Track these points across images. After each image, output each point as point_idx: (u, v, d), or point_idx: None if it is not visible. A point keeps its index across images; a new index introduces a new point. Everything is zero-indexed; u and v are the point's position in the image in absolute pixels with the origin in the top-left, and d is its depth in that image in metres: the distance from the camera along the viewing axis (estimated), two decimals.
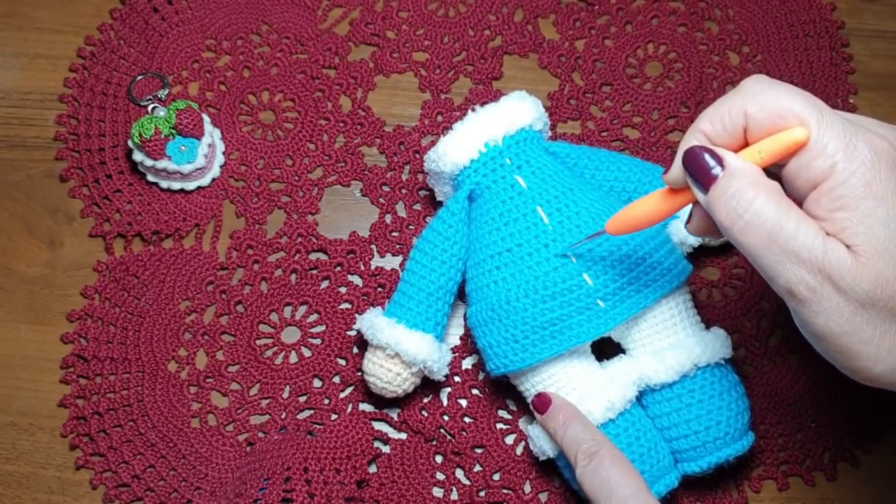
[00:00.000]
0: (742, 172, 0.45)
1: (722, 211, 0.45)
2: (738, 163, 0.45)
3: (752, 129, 0.46)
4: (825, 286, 0.43)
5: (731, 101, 0.46)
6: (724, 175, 0.45)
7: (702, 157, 0.46)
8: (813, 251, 0.43)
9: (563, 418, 0.57)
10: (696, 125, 0.47)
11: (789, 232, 0.43)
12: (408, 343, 0.61)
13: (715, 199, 0.45)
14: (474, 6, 0.79)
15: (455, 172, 0.63)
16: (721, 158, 0.45)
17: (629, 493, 0.52)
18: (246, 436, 0.65)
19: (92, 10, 0.80)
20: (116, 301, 0.69)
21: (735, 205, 0.44)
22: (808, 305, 0.43)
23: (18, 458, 0.65)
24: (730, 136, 0.46)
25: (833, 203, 0.43)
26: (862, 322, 0.43)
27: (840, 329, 0.43)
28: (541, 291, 0.59)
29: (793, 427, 0.65)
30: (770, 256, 0.43)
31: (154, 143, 0.69)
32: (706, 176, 0.45)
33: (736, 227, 0.44)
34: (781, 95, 0.45)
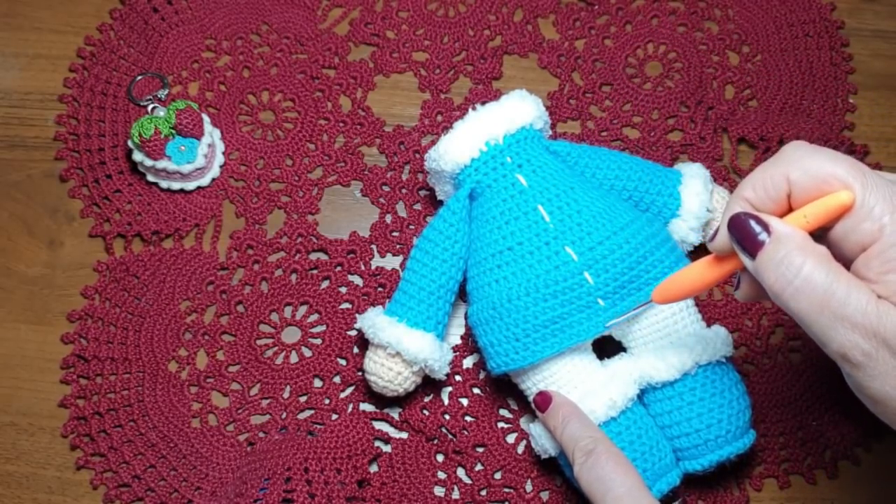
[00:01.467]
0: (789, 238, 0.44)
1: (771, 277, 0.44)
2: (784, 228, 0.45)
3: (795, 194, 0.46)
4: (881, 350, 0.42)
5: (772, 168, 0.46)
6: (772, 241, 0.45)
7: (747, 223, 0.46)
8: (867, 315, 0.42)
9: (562, 416, 0.57)
10: (739, 192, 0.47)
11: (841, 297, 0.43)
12: (409, 342, 0.61)
13: (763, 265, 0.45)
14: (474, 6, 0.79)
15: (456, 171, 0.63)
16: (767, 224, 0.45)
17: (625, 490, 0.52)
18: (246, 436, 0.65)
19: (92, 10, 0.80)
20: (116, 301, 0.69)
21: (784, 270, 0.44)
22: (863, 370, 0.43)
23: (18, 458, 0.65)
24: (773, 202, 0.46)
25: (884, 266, 0.43)
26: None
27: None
28: (542, 290, 0.59)
29: (794, 425, 0.65)
30: (822, 322, 0.43)
31: (154, 143, 0.69)
32: (753, 242, 0.45)
33: (786, 293, 0.44)
34: (824, 161, 0.45)
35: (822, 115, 0.75)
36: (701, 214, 0.64)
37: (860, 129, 0.75)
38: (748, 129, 0.74)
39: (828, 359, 0.66)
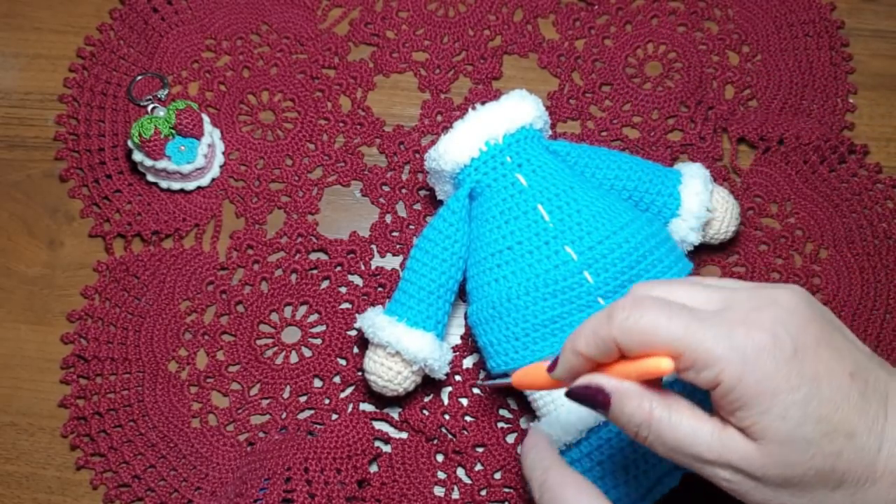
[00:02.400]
0: (627, 397, 0.46)
1: (630, 430, 0.46)
2: (620, 389, 0.46)
3: (627, 352, 0.46)
4: (738, 475, 0.45)
5: (602, 328, 0.46)
6: (615, 403, 0.46)
7: (586, 394, 0.47)
8: (712, 450, 0.45)
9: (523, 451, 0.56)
10: (574, 346, 0.47)
11: (686, 439, 0.45)
12: (408, 341, 0.61)
13: (615, 419, 0.47)
14: (474, 6, 0.79)
15: (456, 171, 0.63)
16: (602, 389, 0.47)
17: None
18: (246, 436, 0.65)
19: (91, 10, 0.80)
20: (116, 301, 0.69)
21: (634, 424, 0.46)
22: (735, 493, 0.46)
23: (18, 458, 0.65)
24: (609, 357, 0.47)
25: (731, 405, 0.44)
26: (787, 496, 0.45)
27: (776, 500, 0.45)
28: (541, 289, 0.59)
29: None
30: (683, 461, 0.46)
31: (154, 143, 0.69)
32: (598, 405, 0.47)
33: (647, 441, 0.46)
34: (646, 320, 0.45)
35: (822, 114, 0.75)
36: (701, 214, 0.64)
37: (860, 128, 0.75)
38: (748, 128, 0.74)
39: None
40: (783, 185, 0.72)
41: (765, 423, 0.43)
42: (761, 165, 0.73)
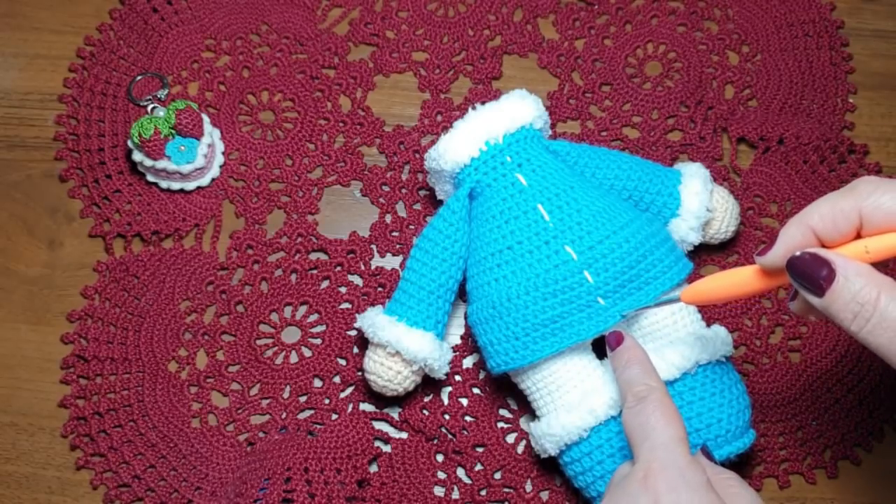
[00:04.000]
0: (858, 275, 0.44)
1: (846, 316, 0.44)
2: (851, 266, 0.45)
3: (865, 228, 0.45)
4: None
5: (844, 201, 0.46)
6: (840, 280, 0.44)
7: (809, 263, 0.45)
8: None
9: (626, 359, 0.56)
10: (804, 219, 0.47)
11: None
12: (408, 341, 0.61)
13: (835, 304, 0.45)
14: (474, 6, 0.79)
15: (456, 171, 0.63)
16: (830, 263, 0.45)
17: (662, 440, 0.50)
18: (246, 436, 0.65)
19: (91, 10, 0.80)
20: (116, 301, 0.69)
21: (857, 309, 0.44)
22: None
23: (18, 458, 0.65)
24: (841, 235, 0.46)
25: None
26: None
27: None
28: (541, 289, 0.59)
29: (794, 425, 0.65)
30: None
31: (153, 143, 0.69)
32: (817, 281, 0.45)
33: (864, 330, 0.44)
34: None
35: (822, 114, 0.75)
36: (701, 214, 0.64)
37: (860, 128, 0.75)
38: (748, 128, 0.74)
39: (827, 358, 0.67)
40: (783, 185, 0.72)
41: None
42: (761, 165, 0.73)
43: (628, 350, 0.56)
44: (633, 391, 0.53)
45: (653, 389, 0.53)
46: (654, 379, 0.54)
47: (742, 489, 0.51)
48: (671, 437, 0.50)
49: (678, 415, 0.52)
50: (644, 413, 0.52)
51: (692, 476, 0.48)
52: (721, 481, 0.51)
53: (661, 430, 0.50)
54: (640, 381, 0.54)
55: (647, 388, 0.53)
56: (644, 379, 0.54)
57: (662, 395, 0.53)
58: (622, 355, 0.56)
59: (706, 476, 0.49)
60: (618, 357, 0.56)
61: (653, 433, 0.51)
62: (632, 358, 0.56)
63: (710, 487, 0.48)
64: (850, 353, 0.66)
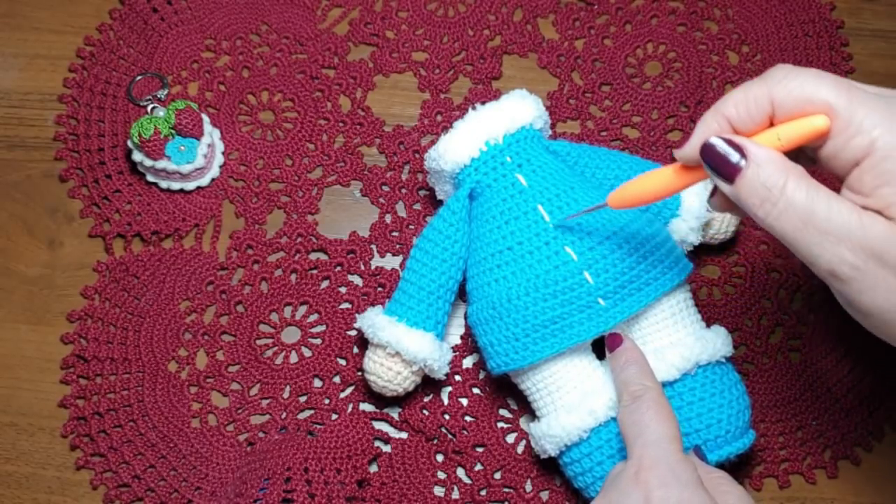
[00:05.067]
0: (768, 161, 0.45)
1: (754, 202, 0.45)
2: (762, 152, 0.45)
3: (778, 115, 0.46)
4: (868, 262, 0.43)
5: (756, 88, 0.46)
6: (749, 166, 0.45)
7: (722, 148, 0.46)
8: (850, 229, 0.43)
9: (624, 359, 0.57)
10: (720, 109, 0.47)
11: (823, 213, 0.43)
12: (408, 341, 0.61)
13: (744, 190, 0.45)
14: (474, 6, 0.79)
15: (456, 171, 0.63)
16: (742, 148, 0.45)
17: (655, 438, 0.51)
18: (246, 436, 0.65)
19: (91, 10, 0.80)
20: (116, 301, 0.69)
21: (766, 194, 0.44)
22: (852, 284, 0.43)
23: (18, 458, 0.65)
24: (754, 122, 0.46)
25: (876, 180, 0.43)
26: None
27: (888, 304, 0.43)
28: (541, 290, 0.59)
29: (794, 425, 0.65)
30: (808, 240, 0.44)
31: (153, 143, 0.69)
32: (728, 167, 0.45)
33: (770, 216, 0.44)
34: (808, 80, 0.45)
35: None
36: (701, 214, 0.64)
37: None
38: None
39: (827, 358, 0.67)
40: None
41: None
42: None
43: (626, 352, 0.57)
44: (630, 390, 0.54)
45: (648, 389, 0.54)
46: (650, 379, 0.55)
47: (732, 487, 0.52)
48: (663, 435, 0.51)
49: (672, 415, 0.53)
50: (639, 411, 0.53)
51: (683, 472, 0.49)
52: (712, 480, 0.52)
53: (654, 428, 0.51)
54: (637, 381, 0.55)
55: (643, 387, 0.54)
56: (640, 379, 0.55)
57: (658, 395, 0.54)
58: (620, 357, 0.57)
59: (697, 473, 0.50)
60: (616, 358, 0.57)
61: (646, 430, 0.52)
62: (629, 359, 0.57)
63: (700, 484, 0.49)
64: (850, 353, 0.67)
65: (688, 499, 0.48)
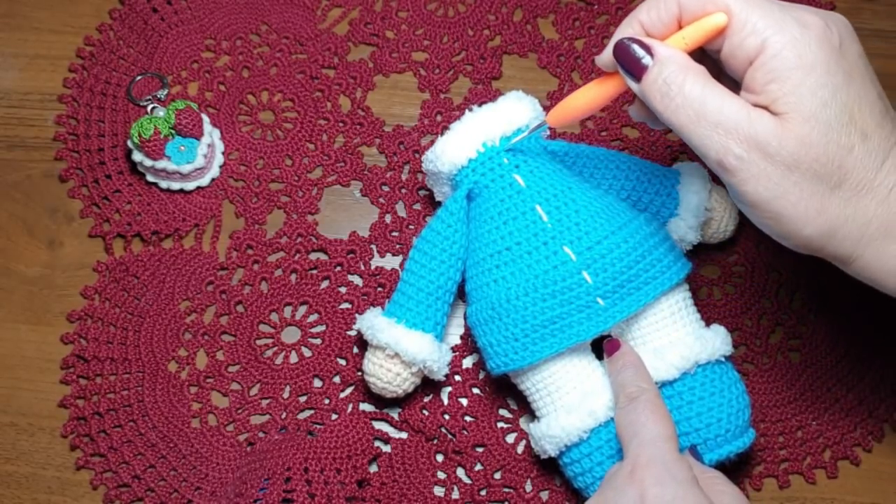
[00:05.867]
0: (670, 59, 0.49)
1: (655, 96, 0.49)
2: (666, 51, 0.50)
3: (685, 18, 0.50)
4: (752, 153, 0.47)
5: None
6: (655, 63, 0.50)
7: (631, 47, 0.50)
8: (738, 121, 0.47)
9: (621, 363, 0.58)
10: (633, 15, 0.52)
11: (715, 106, 0.47)
12: (407, 343, 0.61)
13: (647, 86, 0.50)
14: (474, 6, 0.79)
15: (453, 172, 0.63)
16: (650, 47, 0.50)
17: (650, 437, 0.52)
18: (246, 436, 0.65)
19: (91, 10, 0.80)
20: (116, 301, 0.69)
21: (666, 90, 0.49)
22: (737, 174, 0.47)
23: (18, 458, 0.65)
24: (664, 25, 0.51)
25: (766, 77, 0.47)
26: (789, 185, 0.47)
27: (769, 194, 0.47)
28: (540, 290, 0.59)
29: (794, 425, 0.65)
30: (700, 132, 0.48)
31: (153, 143, 0.69)
32: (637, 66, 0.50)
33: (668, 110, 0.49)
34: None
35: None
36: (699, 214, 0.64)
37: None
38: None
39: (827, 358, 0.67)
40: None
41: (795, 97, 0.47)
42: None
43: (623, 356, 0.58)
44: (626, 392, 0.56)
45: (644, 390, 0.55)
46: (647, 381, 0.56)
47: (727, 487, 0.52)
48: (659, 434, 0.52)
49: (668, 415, 0.54)
50: (634, 412, 0.54)
51: (678, 471, 0.50)
52: (707, 479, 0.52)
53: (649, 427, 0.52)
54: (633, 382, 0.56)
55: (639, 389, 0.55)
56: (636, 381, 0.56)
57: (654, 396, 0.55)
58: (617, 361, 0.58)
59: (692, 472, 0.50)
60: (613, 362, 0.58)
61: (642, 430, 0.52)
62: (626, 363, 0.58)
63: (695, 483, 0.50)
64: (850, 353, 0.67)
65: (682, 496, 0.48)
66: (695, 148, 0.49)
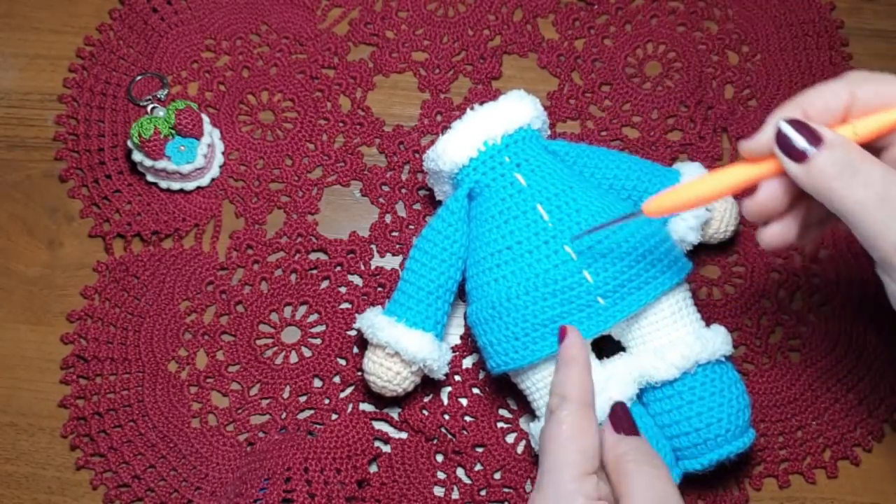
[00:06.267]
0: (846, 142, 0.47)
1: (831, 173, 0.46)
2: (839, 135, 0.47)
3: (856, 110, 0.48)
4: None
5: (837, 84, 0.48)
6: (828, 144, 0.47)
7: (798, 130, 0.47)
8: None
9: (558, 360, 0.52)
10: (797, 100, 0.49)
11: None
12: (407, 342, 0.61)
13: (819, 165, 0.46)
14: (473, 6, 0.79)
15: (454, 171, 0.63)
16: (817, 132, 0.47)
17: (549, 466, 0.48)
18: (246, 436, 0.65)
19: (91, 10, 0.80)
20: (116, 301, 0.69)
21: (844, 168, 0.46)
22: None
23: (18, 458, 0.65)
24: (831, 115, 0.48)
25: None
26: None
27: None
28: (541, 289, 0.59)
29: (794, 425, 0.65)
30: (880, 215, 0.45)
31: (153, 143, 0.69)
32: (800, 149, 0.47)
33: (848, 187, 0.46)
34: (887, 81, 0.48)
35: None
36: (699, 213, 0.64)
37: None
38: (748, 128, 0.74)
39: (827, 358, 0.67)
40: None
41: None
42: None
43: (564, 349, 0.52)
44: (549, 402, 0.50)
45: (563, 401, 0.49)
46: (572, 386, 0.50)
47: (639, 466, 0.47)
48: (562, 462, 0.47)
49: (582, 431, 0.48)
50: (548, 430, 0.49)
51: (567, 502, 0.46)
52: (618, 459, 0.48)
53: (553, 453, 0.48)
54: (556, 390, 0.50)
55: (559, 400, 0.50)
56: (560, 387, 0.50)
57: (571, 411, 0.49)
58: (559, 355, 0.52)
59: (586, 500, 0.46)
60: (558, 357, 0.52)
61: (548, 456, 0.48)
62: (562, 359, 0.51)
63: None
64: (850, 353, 0.67)
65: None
66: (863, 232, 0.46)
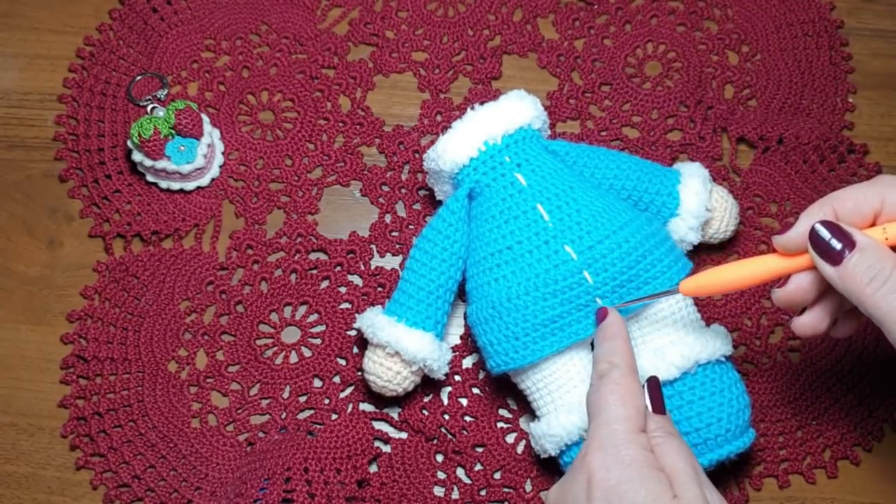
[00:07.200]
0: (877, 246, 0.48)
1: (862, 279, 0.48)
2: (870, 240, 0.48)
3: (884, 215, 0.49)
4: None
5: (868, 188, 0.49)
6: (860, 248, 0.48)
7: (832, 233, 0.49)
8: None
9: (601, 336, 0.56)
10: (828, 201, 0.50)
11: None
12: (407, 341, 0.61)
13: (850, 268, 0.48)
14: (473, 6, 0.79)
15: (455, 171, 0.63)
16: (850, 235, 0.49)
17: (606, 419, 0.51)
18: (246, 436, 0.65)
19: (91, 10, 0.80)
20: (116, 301, 0.69)
21: (873, 274, 0.47)
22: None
23: (18, 458, 0.65)
24: (861, 218, 0.50)
25: None
26: None
27: None
28: (541, 289, 0.59)
29: (794, 425, 0.65)
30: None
31: (153, 143, 0.69)
32: (835, 250, 0.49)
33: (878, 293, 0.47)
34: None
35: (822, 114, 0.75)
36: (700, 213, 0.64)
37: (859, 128, 0.75)
38: (747, 128, 0.74)
39: (827, 358, 0.67)
40: (783, 185, 0.72)
41: None
42: (761, 165, 0.73)
43: (605, 327, 0.56)
44: (597, 369, 0.54)
45: (614, 367, 0.53)
46: (621, 355, 0.54)
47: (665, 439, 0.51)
48: (615, 416, 0.51)
49: (633, 392, 0.52)
50: (599, 391, 0.52)
51: (627, 453, 0.49)
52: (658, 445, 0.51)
53: (607, 409, 0.51)
54: (605, 357, 0.54)
55: (609, 365, 0.53)
56: (609, 356, 0.54)
57: (622, 374, 0.53)
58: (599, 332, 0.57)
59: (644, 452, 0.49)
60: (597, 333, 0.57)
61: (601, 412, 0.51)
62: (606, 334, 0.56)
63: (644, 463, 0.49)
64: (850, 352, 0.67)
65: (628, 479, 0.48)
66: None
